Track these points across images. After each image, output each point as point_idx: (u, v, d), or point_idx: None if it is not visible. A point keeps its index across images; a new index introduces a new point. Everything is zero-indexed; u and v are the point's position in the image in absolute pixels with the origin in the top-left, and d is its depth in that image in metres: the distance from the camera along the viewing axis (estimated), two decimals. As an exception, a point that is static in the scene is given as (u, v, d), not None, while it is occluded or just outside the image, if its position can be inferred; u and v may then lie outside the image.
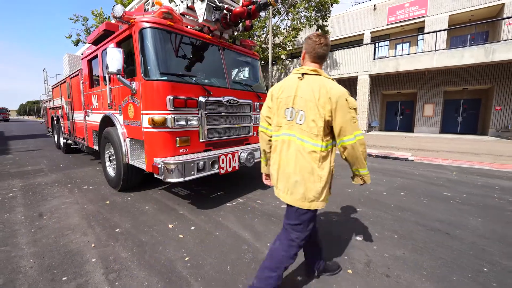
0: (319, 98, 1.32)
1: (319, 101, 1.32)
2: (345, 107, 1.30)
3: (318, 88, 1.33)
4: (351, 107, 1.31)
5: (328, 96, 1.30)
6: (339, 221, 2.66)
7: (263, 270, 1.45)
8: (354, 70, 13.61)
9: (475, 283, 1.70)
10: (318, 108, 1.32)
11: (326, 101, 1.31)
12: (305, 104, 1.36)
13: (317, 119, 1.32)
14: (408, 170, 5.28)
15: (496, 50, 9.96)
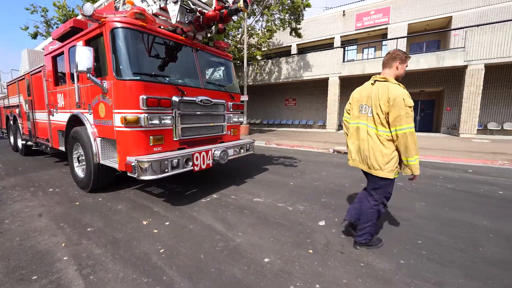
0: (381, 98, 1.85)
1: (381, 100, 1.85)
2: (401, 104, 1.77)
3: (383, 91, 1.86)
4: (406, 105, 1.76)
5: (388, 96, 1.82)
6: (306, 211, 2.93)
7: (360, 225, 2.05)
8: (325, 72, 14.34)
9: (409, 253, 2.04)
10: (381, 105, 1.85)
11: (386, 99, 1.82)
12: (373, 102, 1.91)
13: (380, 113, 1.87)
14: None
15: (445, 57, 11.21)
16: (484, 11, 13.05)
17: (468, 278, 1.74)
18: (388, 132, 1.86)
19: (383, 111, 1.84)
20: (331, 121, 14.45)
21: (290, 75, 15.70)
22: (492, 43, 10.27)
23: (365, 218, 2.03)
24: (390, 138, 1.86)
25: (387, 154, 1.88)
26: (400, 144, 1.82)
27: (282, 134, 13.35)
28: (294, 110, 19.03)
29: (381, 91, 1.87)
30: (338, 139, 11.03)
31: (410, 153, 1.80)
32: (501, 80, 12.05)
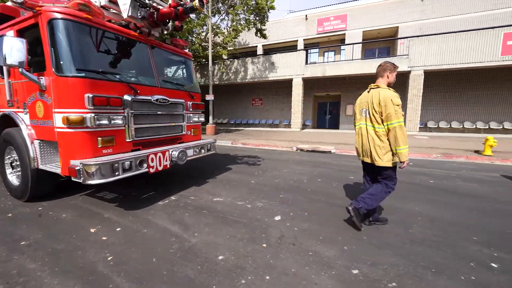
0: (375, 101, 2.28)
1: (375, 102, 2.28)
2: (390, 104, 2.18)
3: (376, 95, 2.29)
4: (394, 104, 2.18)
5: (379, 99, 2.24)
6: (264, 207, 3.02)
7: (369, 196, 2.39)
8: (290, 73, 14.86)
9: (353, 239, 2.26)
10: (375, 107, 2.28)
11: (378, 102, 2.25)
12: (369, 106, 2.34)
13: (375, 113, 2.29)
14: (329, 161, 6.21)
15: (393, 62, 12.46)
16: (423, 24, 14.84)
17: (397, 256, 2.00)
18: (383, 128, 2.28)
19: (377, 111, 2.27)
20: (296, 121, 15.02)
21: (256, 75, 15.92)
22: (428, 53, 11.74)
23: (377, 196, 2.39)
24: (386, 133, 2.28)
25: (384, 147, 2.30)
26: (391, 136, 2.24)
27: (249, 134, 13.48)
28: (261, 109, 19.33)
29: (374, 95, 2.31)
30: (302, 137, 11.53)
31: (398, 143, 2.19)
32: (437, 85, 13.83)
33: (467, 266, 1.87)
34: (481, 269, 1.84)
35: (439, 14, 14.47)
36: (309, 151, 8.38)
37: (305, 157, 6.84)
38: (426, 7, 14.72)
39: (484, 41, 10.85)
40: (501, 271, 1.82)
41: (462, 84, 13.47)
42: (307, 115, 17.78)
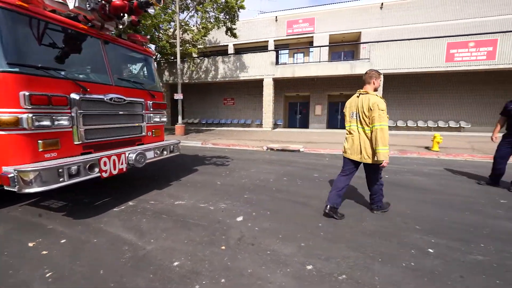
0: (365, 105, 2.52)
1: (365, 107, 2.51)
2: (376, 108, 2.44)
3: (365, 100, 2.53)
4: (380, 108, 2.45)
5: (369, 104, 2.49)
6: (227, 208, 2.99)
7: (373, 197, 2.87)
8: (260, 73, 14.99)
9: (310, 235, 2.33)
10: (364, 111, 2.52)
11: (368, 106, 2.49)
12: (359, 109, 2.58)
13: (364, 116, 2.54)
14: (296, 160, 6.39)
15: (356, 65, 13.28)
16: (383, 31, 16.02)
17: (349, 249, 2.11)
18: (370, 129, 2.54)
19: (366, 115, 2.52)
20: (267, 120, 15.21)
21: (227, 75, 15.78)
22: (387, 57, 12.72)
23: (376, 192, 2.81)
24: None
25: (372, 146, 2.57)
26: (373, 137, 2.50)
27: (220, 134, 13.31)
28: (233, 109, 19.23)
29: (364, 100, 2.55)
30: (273, 137, 11.71)
31: (378, 143, 2.45)
32: (396, 87, 15.03)
33: (408, 254, 2.05)
34: (419, 255, 2.03)
35: (396, 22, 15.74)
36: (279, 150, 8.53)
37: (274, 156, 6.95)
38: (385, 15, 15.91)
39: (432, 48, 12.07)
40: (436, 255, 2.02)
41: (417, 87, 14.84)
42: (279, 115, 18.12)
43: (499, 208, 3.09)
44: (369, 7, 16.21)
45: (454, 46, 11.79)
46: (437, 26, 14.91)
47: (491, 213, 2.91)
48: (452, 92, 14.39)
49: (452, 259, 1.97)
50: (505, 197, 3.48)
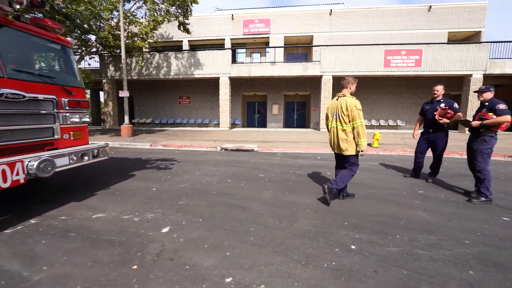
0: (343, 107, 2.99)
1: (343, 108, 2.98)
2: (354, 109, 2.93)
3: (343, 102, 3.00)
4: (357, 108, 2.94)
5: (346, 105, 2.96)
6: (154, 219, 2.68)
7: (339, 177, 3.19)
8: (216, 72, 14.61)
9: (238, 242, 2.20)
10: (343, 111, 2.98)
11: (345, 107, 2.96)
12: (339, 110, 3.03)
13: (343, 116, 2.99)
14: (247, 160, 6.30)
15: (309, 67, 13.90)
16: (332, 35, 17.10)
17: (275, 254, 2.03)
18: (348, 126, 3.01)
19: (345, 114, 2.99)
20: (224, 120, 14.93)
21: (181, 72, 14.99)
22: (335, 60, 13.60)
23: (344, 179, 3.16)
24: (350, 130, 3.02)
25: (349, 141, 3.04)
26: (355, 132, 2.99)
27: (174, 134, 12.57)
28: (189, 108, 18.42)
29: (343, 102, 3.03)
30: (230, 136, 11.50)
31: (360, 137, 2.96)
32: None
33: (332, 253, 2.06)
34: (342, 253, 2.06)
35: (343, 29, 16.96)
36: (233, 150, 8.38)
37: (226, 157, 6.75)
38: (334, 21, 17.02)
39: (374, 54, 13.31)
40: (357, 251, 2.08)
41: (361, 89, 16.21)
42: (237, 114, 17.97)
43: (417, 198, 3.42)
44: (320, 12, 17.14)
45: (390, 53, 13.19)
46: (377, 34, 16.53)
47: (410, 204, 3.20)
48: (391, 94, 16.14)
49: (370, 254, 2.04)
50: (423, 188, 3.90)
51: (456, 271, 1.83)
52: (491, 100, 3.27)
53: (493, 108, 3.18)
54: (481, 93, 3.33)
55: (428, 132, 4.22)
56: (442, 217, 2.79)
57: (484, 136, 3.28)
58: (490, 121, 3.17)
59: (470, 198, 3.31)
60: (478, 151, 3.32)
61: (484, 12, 15.80)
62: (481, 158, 3.29)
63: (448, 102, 4.01)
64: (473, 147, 3.40)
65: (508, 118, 3.10)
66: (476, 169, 3.33)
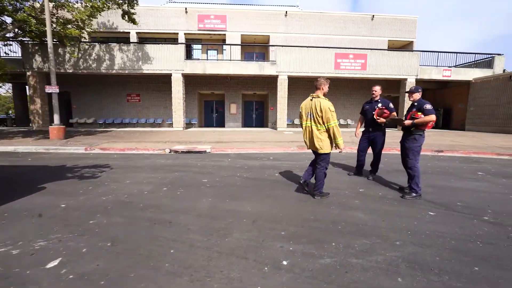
0: (317, 108, 3.16)
1: (317, 109, 3.16)
2: (328, 110, 3.11)
3: (317, 103, 3.17)
4: (331, 110, 3.11)
5: (320, 107, 3.14)
6: (42, 249, 2.06)
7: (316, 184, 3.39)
8: (168, 67, 13.59)
9: (145, 267, 1.78)
10: (317, 112, 3.16)
11: (320, 108, 3.14)
12: (313, 111, 3.22)
13: (317, 116, 3.17)
14: (195, 163, 5.80)
15: (265, 67, 13.88)
16: (287, 36, 17.47)
17: (192, 284, 1.67)
18: (322, 127, 3.17)
19: (319, 115, 3.13)
20: (178, 119, 14.00)
21: (127, 66, 13.54)
22: (290, 61, 13.85)
23: (318, 178, 3.33)
24: (324, 130, 3.18)
25: (323, 139, 3.19)
26: (330, 133, 3.16)
27: (118, 136, 11.24)
28: (140, 107, 16.88)
29: (317, 104, 3.15)
30: (183, 137, 10.75)
31: (336, 136, 3.15)
32: (298, 89, 16.68)
33: (259, 273, 1.78)
34: (271, 272, 1.80)
35: (298, 31, 17.47)
36: (184, 152, 7.76)
37: (171, 161, 6.14)
38: (289, 23, 17.40)
39: (325, 57, 13.94)
40: (288, 269, 1.84)
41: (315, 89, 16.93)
42: (193, 114, 17.11)
43: (357, 197, 3.44)
44: (276, 13, 17.34)
45: (340, 56, 13.99)
46: (328, 38, 17.46)
47: (350, 204, 3.17)
48: (342, 95, 17.20)
49: (301, 270, 1.83)
50: (364, 185, 3.99)
51: (386, 280, 1.72)
52: (419, 101, 3.45)
53: (422, 108, 3.35)
54: (411, 94, 3.50)
55: (368, 131, 4.36)
56: (377, 216, 2.79)
57: (415, 135, 3.44)
58: (420, 120, 3.32)
59: (403, 194, 3.46)
60: (410, 149, 3.47)
61: (415, 25, 17.96)
62: (412, 156, 3.44)
63: (384, 102, 4.19)
64: (405, 145, 3.55)
65: (434, 118, 3.29)
66: (408, 166, 3.49)
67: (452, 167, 5.45)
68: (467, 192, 3.63)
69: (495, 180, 4.34)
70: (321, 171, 3.32)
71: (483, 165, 5.76)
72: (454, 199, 3.31)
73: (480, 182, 4.14)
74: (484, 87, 14.25)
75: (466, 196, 3.46)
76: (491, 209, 2.99)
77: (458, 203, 3.16)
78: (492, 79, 13.88)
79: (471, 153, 7.41)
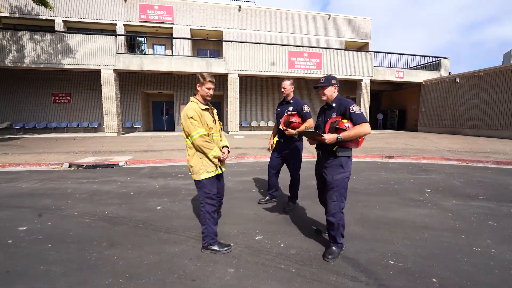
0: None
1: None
2: (186, 117, 2.05)
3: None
4: (189, 116, 2.04)
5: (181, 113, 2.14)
6: None
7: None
8: (95, 62, 11.45)
9: None
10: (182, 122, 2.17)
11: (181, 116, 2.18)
12: None
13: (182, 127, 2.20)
14: (71, 186, 4.12)
15: (213, 64, 12.45)
16: (241, 32, 16.26)
17: None
18: (188, 141, 2.13)
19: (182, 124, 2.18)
20: (110, 123, 11.89)
21: (41, 60, 11.10)
22: (240, 58, 12.60)
23: (202, 222, 2.15)
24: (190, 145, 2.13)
25: (190, 156, 2.14)
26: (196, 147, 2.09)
27: (20, 145, 8.89)
28: (70, 108, 14.31)
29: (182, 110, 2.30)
30: (109, 145, 8.80)
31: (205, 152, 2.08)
32: (251, 88, 15.52)
33: None
34: None
35: (252, 27, 16.36)
36: (90, 166, 6.00)
37: (44, 183, 4.38)
38: (243, 18, 16.21)
39: (279, 55, 12.96)
40: None
41: (269, 90, 15.93)
42: (137, 116, 15.01)
43: (243, 257, 2.15)
44: (229, 7, 16.04)
45: (294, 54, 13.11)
46: (284, 36, 16.63)
47: (219, 281, 1.86)
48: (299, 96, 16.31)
49: None
50: (267, 228, 2.73)
51: None
52: (340, 100, 2.09)
53: (346, 112, 2.00)
54: (322, 88, 2.12)
55: (280, 142, 3.13)
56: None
57: (340, 157, 2.03)
58: (353, 132, 1.90)
59: (324, 254, 2.06)
60: (334, 185, 2.04)
61: (369, 27, 18.00)
62: (338, 195, 2.05)
63: (298, 104, 3.00)
64: (325, 176, 2.11)
65: (368, 127, 1.93)
66: (329, 211, 2.07)
67: (399, 181, 4.54)
68: (407, 233, 2.53)
69: (443, 202, 3.40)
70: (203, 209, 2.13)
71: (431, 175, 4.98)
72: (387, 251, 2.16)
73: (425, 210, 3.13)
74: (433, 89, 14.50)
75: (405, 244, 2.28)
76: (435, 272, 1.89)
77: (390, 262, 2.02)
78: (440, 81, 14.15)
79: (421, 158, 6.79)
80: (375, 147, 8.67)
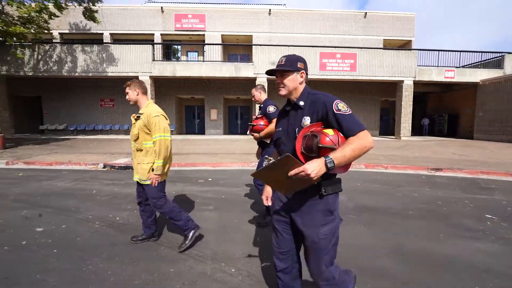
0: None
1: None
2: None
3: None
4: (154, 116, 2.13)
5: None
6: None
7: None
8: (134, 70, 12.34)
9: None
10: None
11: None
12: None
13: None
14: (96, 187, 4.31)
15: (241, 68, 12.47)
16: (271, 36, 16.09)
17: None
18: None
19: None
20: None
21: (90, 69, 12.35)
22: (269, 62, 12.39)
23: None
24: None
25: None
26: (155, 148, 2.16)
27: (71, 145, 9.92)
28: (113, 113, 15.66)
29: None
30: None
31: (158, 157, 2.13)
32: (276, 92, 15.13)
33: None
34: None
35: (282, 30, 16.07)
36: (121, 167, 6.38)
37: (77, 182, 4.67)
38: (273, 22, 16.04)
39: (309, 57, 12.42)
40: None
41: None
42: (171, 120, 15.68)
43: None
44: (259, 11, 16.04)
45: (325, 56, 12.46)
46: (316, 37, 15.98)
47: None
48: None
49: None
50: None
51: None
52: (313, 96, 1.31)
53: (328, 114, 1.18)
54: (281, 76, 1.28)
55: None
56: None
57: (327, 198, 1.19)
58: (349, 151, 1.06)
59: None
60: (322, 245, 1.20)
61: (413, 23, 16.34)
62: (328, 256, 1.23)
63: (265, 105, 2.62)
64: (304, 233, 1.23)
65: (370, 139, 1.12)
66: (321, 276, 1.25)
67: (449, 201, 3.75)
68: (461, 277, 1.95)
69: (510, 234, 2.65)
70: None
71: (494, 195, 4.06)
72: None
73: (487, 244, 2.42)
74: (494, 90, 12.43)
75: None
76: None
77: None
78: (503, 80, 12.06)
79: (479, 172, 5.65)
80: (418, 156, 7.61)
